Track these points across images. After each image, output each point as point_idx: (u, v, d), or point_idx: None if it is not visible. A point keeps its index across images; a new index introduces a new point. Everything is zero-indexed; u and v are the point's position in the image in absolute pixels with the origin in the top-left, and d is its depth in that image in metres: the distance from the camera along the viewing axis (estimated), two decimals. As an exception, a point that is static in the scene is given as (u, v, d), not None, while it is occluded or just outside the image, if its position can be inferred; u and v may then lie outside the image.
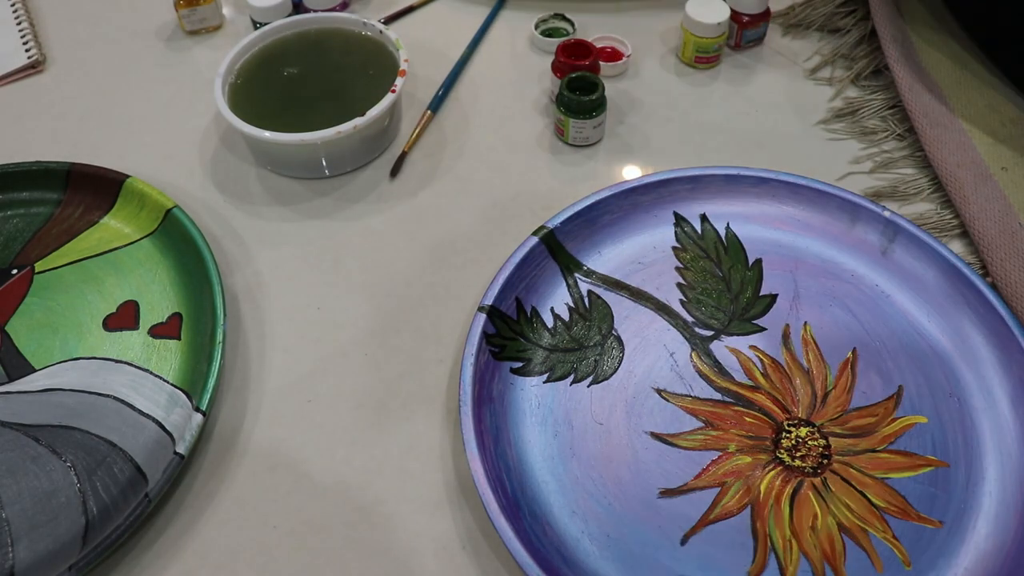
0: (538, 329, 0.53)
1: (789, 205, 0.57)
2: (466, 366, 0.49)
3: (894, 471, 0.46)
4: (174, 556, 0.45)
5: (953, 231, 0.57)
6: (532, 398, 0.50)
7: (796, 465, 0.46)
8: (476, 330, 0.50)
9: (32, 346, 0.53)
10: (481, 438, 0.46)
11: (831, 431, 0.48)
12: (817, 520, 0.45)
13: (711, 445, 0.48)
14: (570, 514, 0.46)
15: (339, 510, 0.47)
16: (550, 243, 0.55)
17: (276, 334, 0.54)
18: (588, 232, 0.56)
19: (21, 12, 0.75)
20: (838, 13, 0.71)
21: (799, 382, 0.50)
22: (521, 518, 0.44)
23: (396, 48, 0.63)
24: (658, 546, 0.44)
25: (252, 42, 0.64)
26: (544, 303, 0.54)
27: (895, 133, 0.63)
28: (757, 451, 0.47)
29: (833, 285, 0.54)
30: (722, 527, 0.45)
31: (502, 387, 0.50)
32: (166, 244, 0.57)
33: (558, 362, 0.51)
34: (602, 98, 0.61)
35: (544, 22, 0.72)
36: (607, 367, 0.51)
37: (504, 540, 0.42)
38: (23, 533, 0.45)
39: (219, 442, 0.49)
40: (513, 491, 0.46)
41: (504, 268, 0.53)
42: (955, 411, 0.48)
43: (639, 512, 0.46)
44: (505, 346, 0.51)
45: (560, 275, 0.55)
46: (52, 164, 0.59)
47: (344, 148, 0.60)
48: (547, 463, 0.47)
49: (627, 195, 0.57)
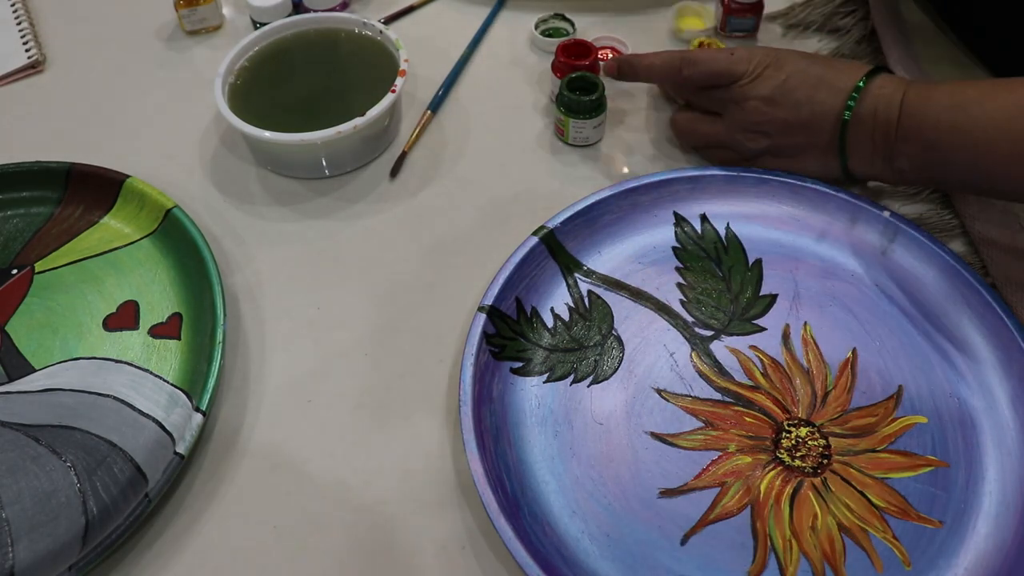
0: (538, 329, 0.53)
1: (789, 205, 0.57)
2: (466, 366, 0.48)
3: (894, 471, 0.46)
4: (174, 556, 0.45)
5: (953, 231, 0.57)
6: (532, 398, 0.50)
7: (796, 465, 0.47)
8: (476, 330, 0.50)
9: (32, 346, 0.53)
10: (481, 438, 0.46)
11: (831, 431, 0.48)
12: (817, 520, 0.45)
13: (711, 445, 0.48)
14: (570, 514, 0.46)
15: (339, 510, 0.47)
16: (550, 243, 0.55)
17: (276, 334, 0.54)
18: (588, 232, 0.56)
19: (21, 12, 0.75)
20: (838, 13, 0.71)
21: (799, 382, 0.50)
22: (521, 518, 0.44)
23: (396, 48, 0.63)
24: (658, 546, 0.44)
25: (252, 42, 0.64)
26: (544, 303, 0.54)
27: (895, 133, 0.63)
28: (757, 451, 0.47)
29: (833, 285, 0.54)
30: (722, 527, 0.45)
31: (502, 387, 0.50)
32: (166, 244, 0.57)
33: (558, 362, 0.51)
34: (602, 98, 0.61)
35: (544, 22, 0.72)
36: (607, 367, 0.51)
37: (504, 540, 0.42)
38: (23, 533, 0.45)
39: (219, 442, 0.49)
40: (513, 491, 0.46)
41: (504, 268, 0.53)
42: (955, 411, 0.48)
43: (639, 512, 0.46)
44: (505, 346, 0.51)
45: (560, 275, 0.55)
46: (52, 164, 0.59)
47: (344, 148, 0.60)
48: (547, 463, 0.47)
49: (627, 195, 0.57)
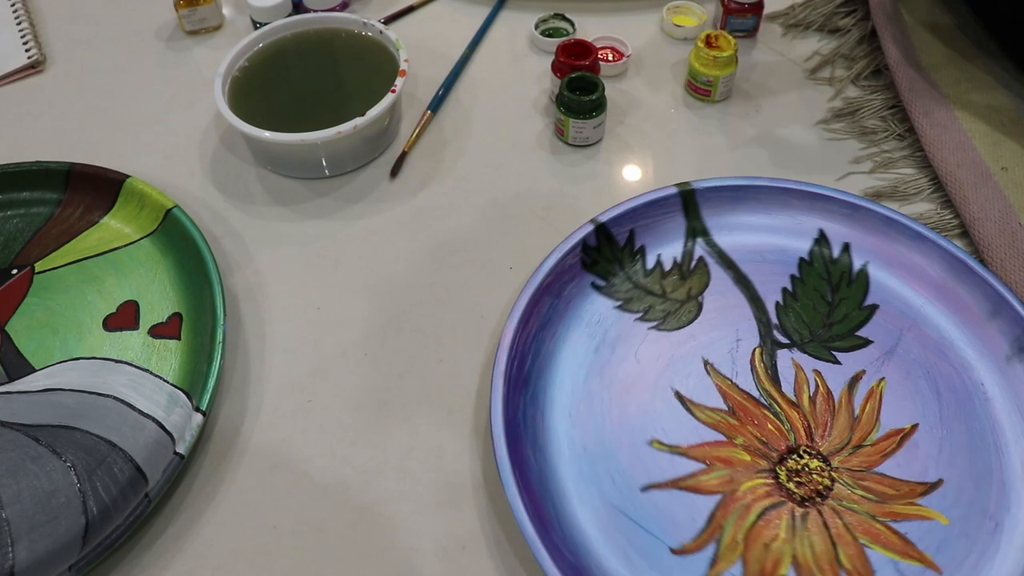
0: (636, 265, 0.55)
1: (936, 270, 0.53)
2: (552, 257, 0.52)
3: (880, 545, 0.44)
4: (174, 556, 0.45)
5: (953, 231, 0.57)
6: (596, 312, 0.53)
7: (788, 487, 0.46)
8: (578, 235, 0.53)
9: (32, 346, 0.53)
10: (527, 320, 0.50)
11: (842, 478, 0.46)
12: (776, 541, 0.44)
13: (722, 428, 0.48)
14: (567, 414, 0.49)
15: (339, 510, 0.47)
16: (687, 200, 0.56)
17: (276, 334, 0.54)
18: (728, 208, 0.56)
19: (21, 12, 0.75)
20: (838, 13, 0.71)
21: (840, 421, 0.48)
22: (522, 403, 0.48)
23: (396, 48, 0.63)
24: (620, 479, 0.46)
25: (252, 42, 0.64)
26: (655, 247, 0.55)
27: (895, 133, 0.63)
28: (760, 456, 0.47)
29: (935, 362, 0.51)
30: (685, 497, 0.45)
31: (574, 291, 0.53)
32: (166, 244, 0.57)
33: (637, 298, 0.53)
34: (602, 98, 0.61)
35: (544, 22, 0.72)
36: (675, 323, 0.53)
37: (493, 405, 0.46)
38: (23, 533, 0.45)
39: (219, 442, 0.49)
40: (528, 371, 0.49)
41: (633, 200, 0.55)
42: (984, 533, 0.44)
43: (624, 444, 0.47)
44: (598, 263, 0.54)
45: (683, 232, 0.56)
46: (52, 164, 0.59)
47: (344, 148, 0.60)
48: (574, 364, 0.51)
49: (782, 192, 0.56)
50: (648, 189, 0.60)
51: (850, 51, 0.68)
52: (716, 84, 0.65)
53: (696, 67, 0.65)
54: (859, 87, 0.66)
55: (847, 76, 0.67)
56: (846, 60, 0.68)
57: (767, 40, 0.71)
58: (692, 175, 0.61)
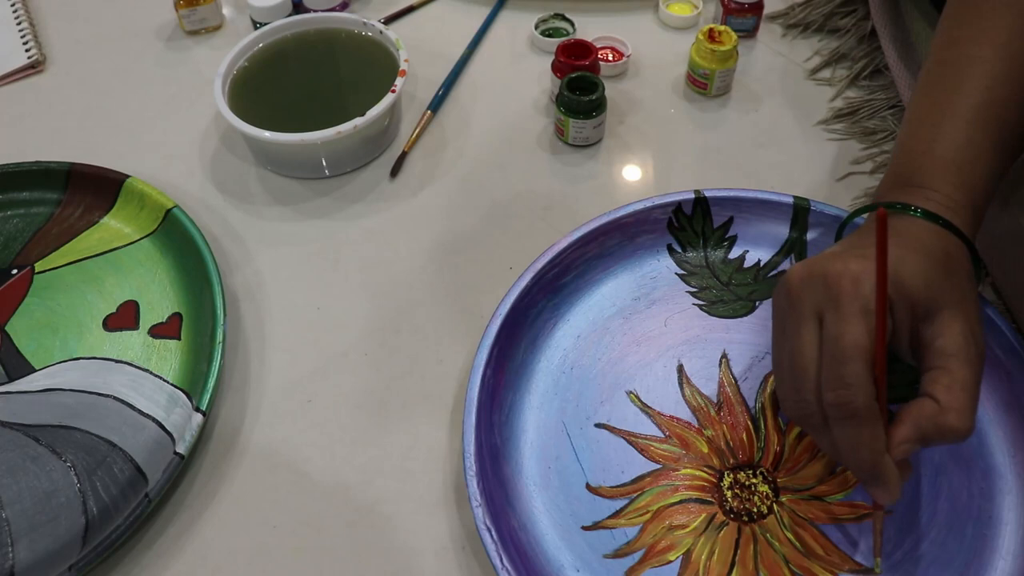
0: (720, 250, 0.55)
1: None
2: (637, 204, 0.54)
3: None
4: (174, 556, 0.45)
5: (953, 231, 0.57)
6: (656, 269, 0.54)
7: (725, 493, 0.45)
8: (676, 197, 0.54)
9: (32, 346, 0.53)
10: (587, 242, 0.52)
11: (781, 514, 0.45)
12: (681, 529, 0.44)
13: (700, 414, 0.49)
14: (577, 335, 0.52)
15: (339, 510, 0.47)
16: (799, 215, 0.54)
17: (276, 334, 0.54)
18: (829, 244, 0.51)
19: (21, 12, 0.75)
20: (838, 13, 0.71)
21: (814, 468, 0.46)
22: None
23: (396, 48, 0.63)
24: (583, 405, 0.49)
25: (252, 42, 0.64)
26: (747, 242, 0.55)
27: (895, 133, 0.63)
28: (717, 454, 0.47)
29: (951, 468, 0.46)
30: (629, 451, 0.47)
31: (647, 242, 0.55)
32: (166, 244, 0.57)
33: (701, 275, 0.54)
34: (602, 98, 0.61)
35: (544, 22, 0.72)
36: (720, 311, 0.53)
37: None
38: (23, 533, 0.45)
39: (219, 442, 0.49)
40: (564, 283, 0.52)
41: (744, 191, 0.55)
42: None
43: (606, 382, 0.50)
44: (684, 230, 0.55)
45: (782, 242, 0.55)
46: (52, 164, 0.59)
47: (344, 148, 0.60)
48: (606, 301, 0.53)
49: None
50: (648, 189, 0.61)
51: (850, 51, 0.68)
52: (713, 77, 0.65)
53: (695, 59, 0.65)
54: (859, 87, 0.66)
55: (847, 76, 0.67)
56: (846, 60, 0.68)
57: (767, 40, 0.71)
58: (692, 176, 0.61)
